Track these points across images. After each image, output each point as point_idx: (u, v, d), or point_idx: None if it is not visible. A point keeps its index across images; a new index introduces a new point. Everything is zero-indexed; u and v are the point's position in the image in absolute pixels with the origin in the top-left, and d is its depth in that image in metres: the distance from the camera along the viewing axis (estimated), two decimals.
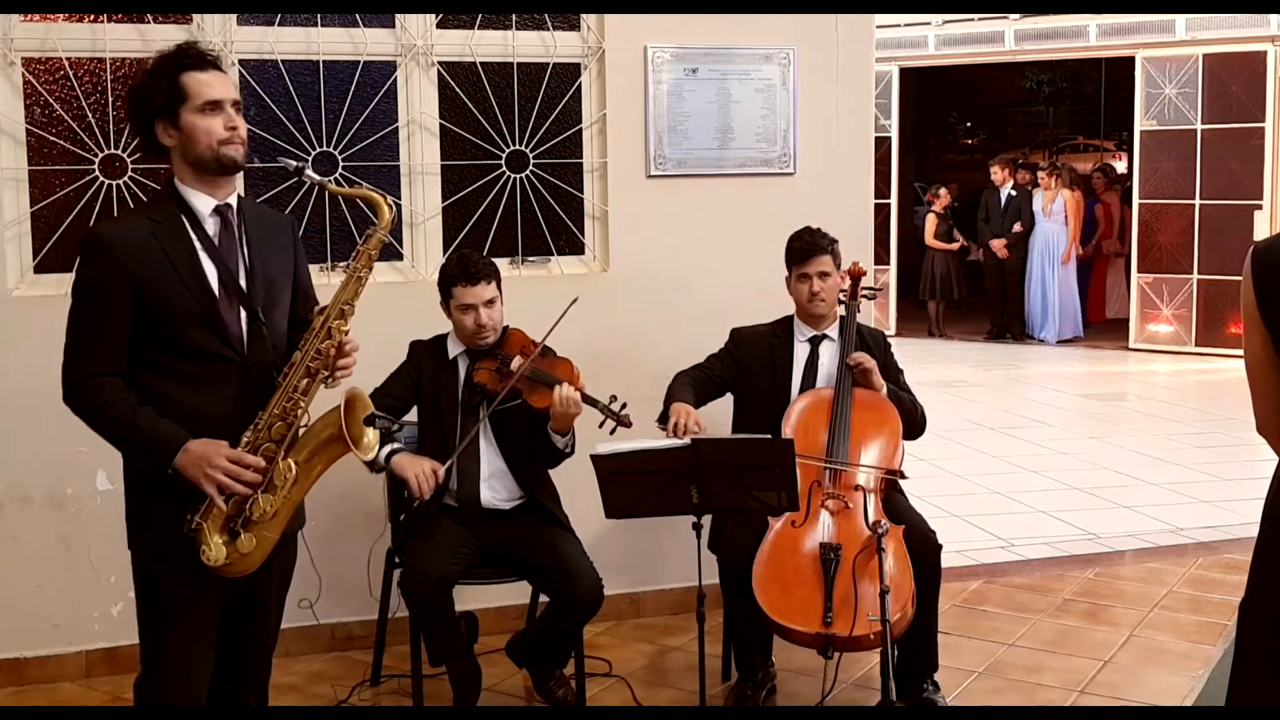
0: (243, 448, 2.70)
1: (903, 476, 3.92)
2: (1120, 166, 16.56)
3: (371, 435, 2.80)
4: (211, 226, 2.78)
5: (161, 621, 2.79)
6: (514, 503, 3.93)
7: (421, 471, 3.67)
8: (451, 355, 3.96)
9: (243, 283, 2.78)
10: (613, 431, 3.72)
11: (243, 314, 2.77)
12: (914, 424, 4.08)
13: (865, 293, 4.28)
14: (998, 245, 12.66)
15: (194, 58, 2.77)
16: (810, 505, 3.76)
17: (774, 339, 4.19)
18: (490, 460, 3.92)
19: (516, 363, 3.82)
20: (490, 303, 3.86)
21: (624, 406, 3.73)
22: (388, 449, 3.73)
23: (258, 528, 2.70)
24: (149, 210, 2.82)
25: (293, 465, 2.71)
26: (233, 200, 2.82)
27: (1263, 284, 2.41)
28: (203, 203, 2.77)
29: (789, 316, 4.22)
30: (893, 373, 4.19)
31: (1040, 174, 12.95)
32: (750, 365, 4.16)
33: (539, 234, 4.69)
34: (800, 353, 4.16)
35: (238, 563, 2.71)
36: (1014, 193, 12.71)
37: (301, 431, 2.76)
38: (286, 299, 2.90)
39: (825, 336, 4.16)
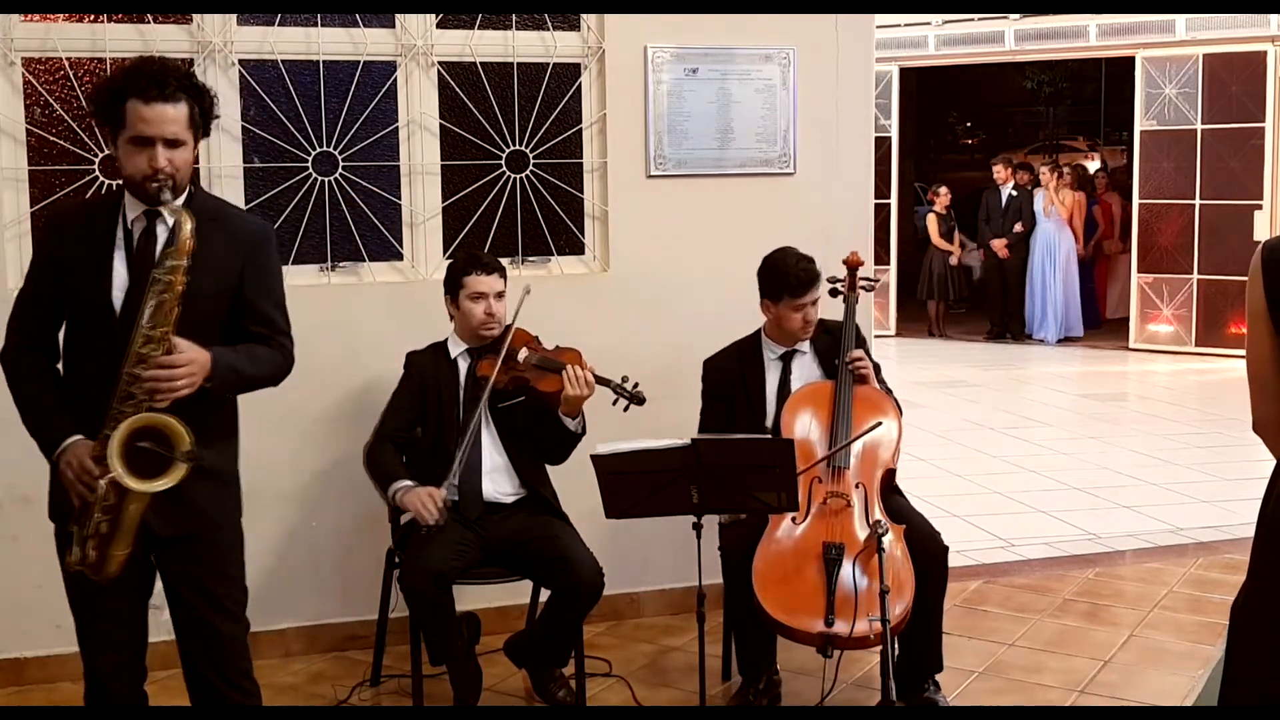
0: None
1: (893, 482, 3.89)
2: (1092, 166, 16.58)
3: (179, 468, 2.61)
4: (136, 230, 2.77)
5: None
6: (515, 497, 3.95)
7: (420, 500, 3.72)
8: (453, 355, 3.98)
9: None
10: (626, 409, 3.75)
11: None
12: None
13: (864, 283, 4.26)
14: (998, 245, 12.64)
15: (144, 84, 2.66)
16: (811, 503, 3.76)
17: (741, 360, 4.13)
18: (492, 456, 3.94)
19: (524, 355, 3.85)
20: (499, 295, 3.93)
21: (636, 385, 3.74)
22: (396, 486, 3.79)
23: (95, 540, 2.67)
24: (106, 199, 2.85)
25: (112, 486, 2.62)
26: (172, 208, 2.71)
27: (1272, 282, 2.40)
28: (132, 207, 2.77)
29: (755, 335, 4.17)
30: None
31: (1043, 173, 12.95)
32: (728, 394, 4.13)
33: (539, 234, 4.69)
34: (772, 371, 4.12)
35: (92, 568, 2.71)
36: (1015, 193, 12.70)
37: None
38: (217, 310, 2.80)
39: (797, 351, 4.13)
